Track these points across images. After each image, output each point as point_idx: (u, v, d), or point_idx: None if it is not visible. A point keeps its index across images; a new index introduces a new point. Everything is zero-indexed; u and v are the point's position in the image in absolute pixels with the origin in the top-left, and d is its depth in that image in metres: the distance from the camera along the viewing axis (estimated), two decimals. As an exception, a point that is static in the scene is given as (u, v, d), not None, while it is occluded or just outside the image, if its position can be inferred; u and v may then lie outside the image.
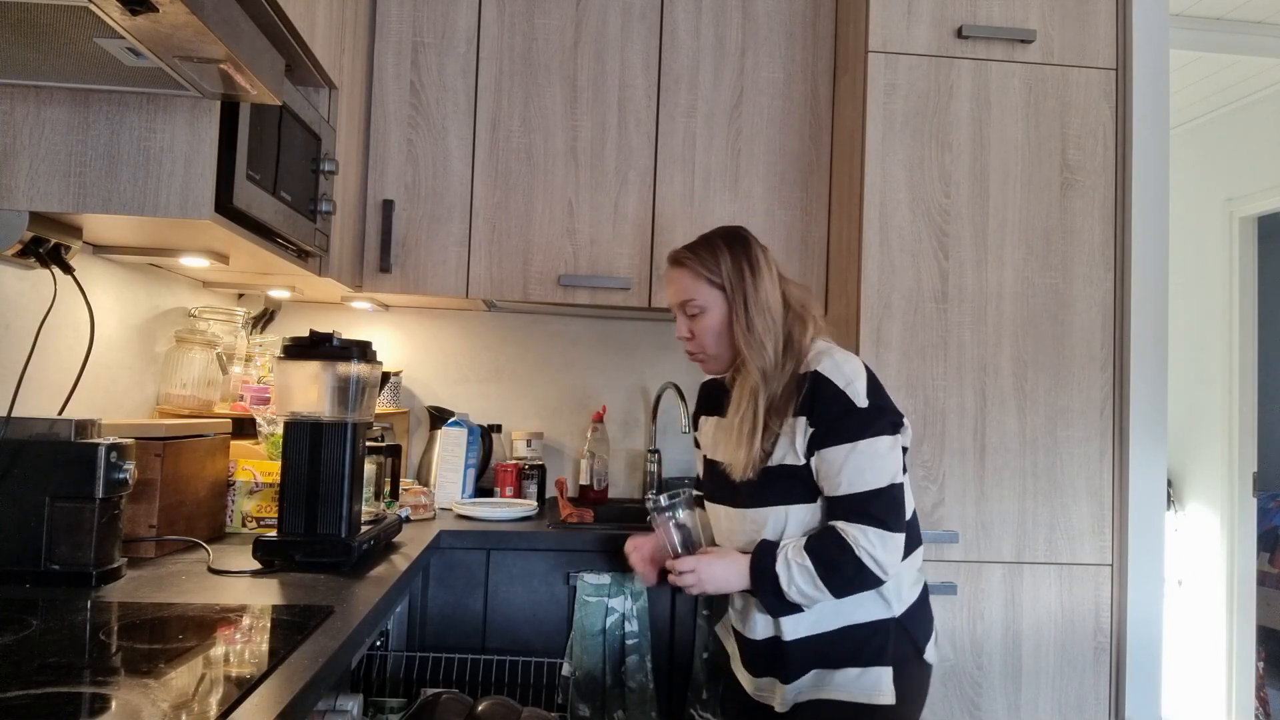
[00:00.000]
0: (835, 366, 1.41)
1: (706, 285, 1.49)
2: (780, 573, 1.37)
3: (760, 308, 1.46)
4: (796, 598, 1.37)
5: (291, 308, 2.44)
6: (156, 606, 1.17)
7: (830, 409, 1.38)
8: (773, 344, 1.45)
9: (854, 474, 1.36)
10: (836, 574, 1.35)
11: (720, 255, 1.49)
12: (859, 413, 1.38)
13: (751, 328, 1.45)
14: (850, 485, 1.36)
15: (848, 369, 1.41)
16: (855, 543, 1.34)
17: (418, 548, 1.68)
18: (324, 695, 0.99)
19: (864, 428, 1.37)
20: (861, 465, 1.36)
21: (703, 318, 1.50)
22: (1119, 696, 1.92)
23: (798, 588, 1.36)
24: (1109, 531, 1.95)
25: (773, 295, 1.48)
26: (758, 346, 1.44)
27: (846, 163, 2.10)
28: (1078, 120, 2.00)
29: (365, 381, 1.55)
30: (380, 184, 2.13)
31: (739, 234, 1.54)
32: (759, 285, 1.47)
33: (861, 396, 1.39)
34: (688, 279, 1.50)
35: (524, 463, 2.35)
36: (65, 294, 1.44)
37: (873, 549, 1.34)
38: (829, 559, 1.35)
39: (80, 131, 1.21)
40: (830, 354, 1.43)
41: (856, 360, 1.45)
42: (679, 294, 1.52)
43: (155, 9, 0.84)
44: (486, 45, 2.17)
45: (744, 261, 1.49)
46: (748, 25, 2.22)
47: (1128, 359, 1.95)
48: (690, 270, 1.50)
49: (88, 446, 1.26)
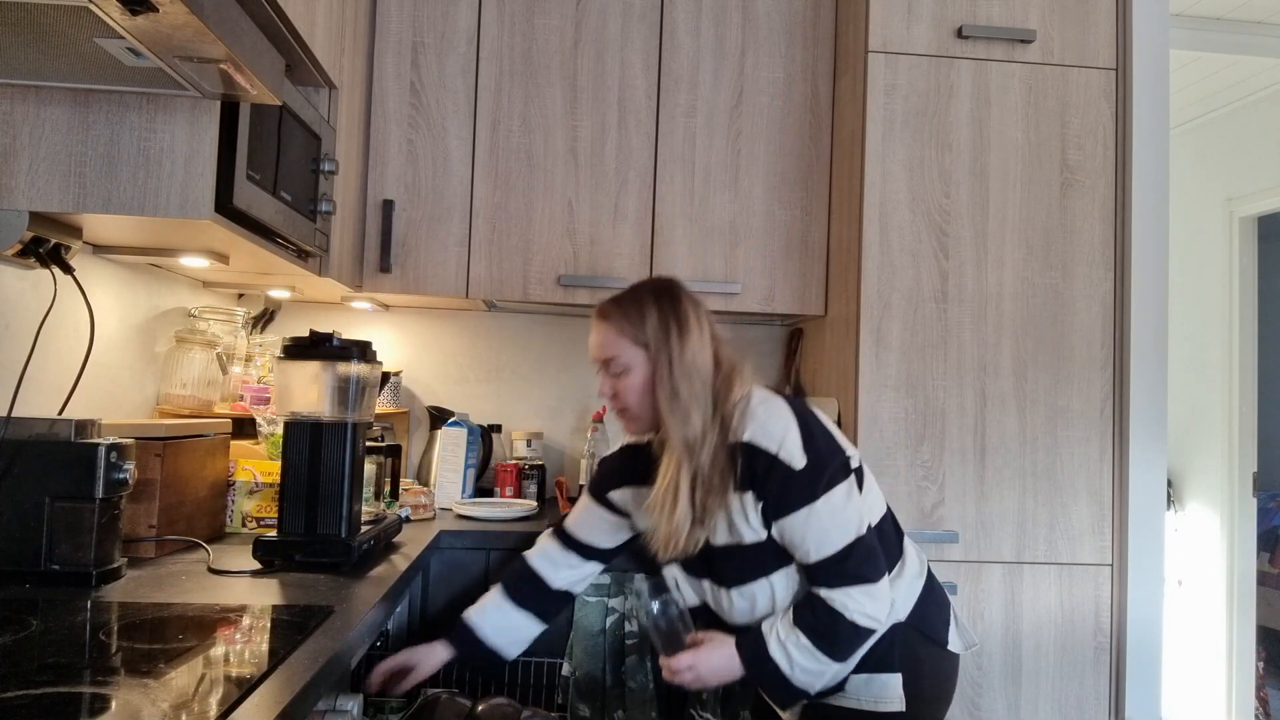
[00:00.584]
0: (761, 429, 1.32)
1: (630, 344, 1.38)
2: (778, 659, 1.31)
3: (685, 371, 1.35)
4: (804, 679, 1.31)
5: (291, 308, 2.44)
6: (156, 606, 1.17)
7: (771, 479, 1.31)
8: (700, 412, 1.34)
9: (819, 539, 1.30)
10: (838, 643, 1.30)
11: (647, 312, 1.39)
12: (801, 475, 1.30)
13: (676, 394, 1.34)
14: (819, 550, 1.30)
15: (774, 426, 1.32)
16: (844, 608, 1.28)
17: (418, 548, 1.68)
18: (324, 695, 0.98)
19: (812, 488, 1.30)
20: (824, 526, 1.30)
21: (626, 377, 1.39)
22: (1119, 696, 1.92)
23: (801, 668, 1.30)
24: (1109, 531, 1.95)
25: (701, 356, 1.37)
26: (681, 415, 1.34)
27: (846, 163, 2.10)
28: (1078, 120, 2.00)
29: (365, 381, 1.55)
30: (380, 184, 2.13)
31: (670, 288, 1.43)
32: (685, 346, 1.36)
33: (798, 455, 1.31)
34: (611, 335, 1.40)
35: (524, 463, 2.35)
36: (65, 294, 1.44)
37: (862, 607, 1.29)
38: (824, 630, 1.29)
39: (80, 131, 1.21)
40: (752, 415, 1.34)
41: (780, 408, 1.36)
42: (600, 350, 1.41)
43: (155, 9, 0.84)
44: (486, 45, 2.17)
45: (671, 319, 1.38)
46: (748, 25, 2.22)
47: (1128, 359, 1.95)
48: (614, 326, 1.40)
49: (88, 446, 1.26)
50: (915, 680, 1.37)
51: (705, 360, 1.38)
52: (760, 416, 1.33)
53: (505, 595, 1.55)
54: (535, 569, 1.57)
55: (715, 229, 2.19)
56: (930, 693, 1.40)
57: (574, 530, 1.58)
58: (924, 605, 1.43)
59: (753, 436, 1.32)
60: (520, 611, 1.54)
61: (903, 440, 1.93)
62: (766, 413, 1.34)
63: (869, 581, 1.30)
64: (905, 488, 1.92)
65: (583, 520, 1.58)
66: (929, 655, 1.40)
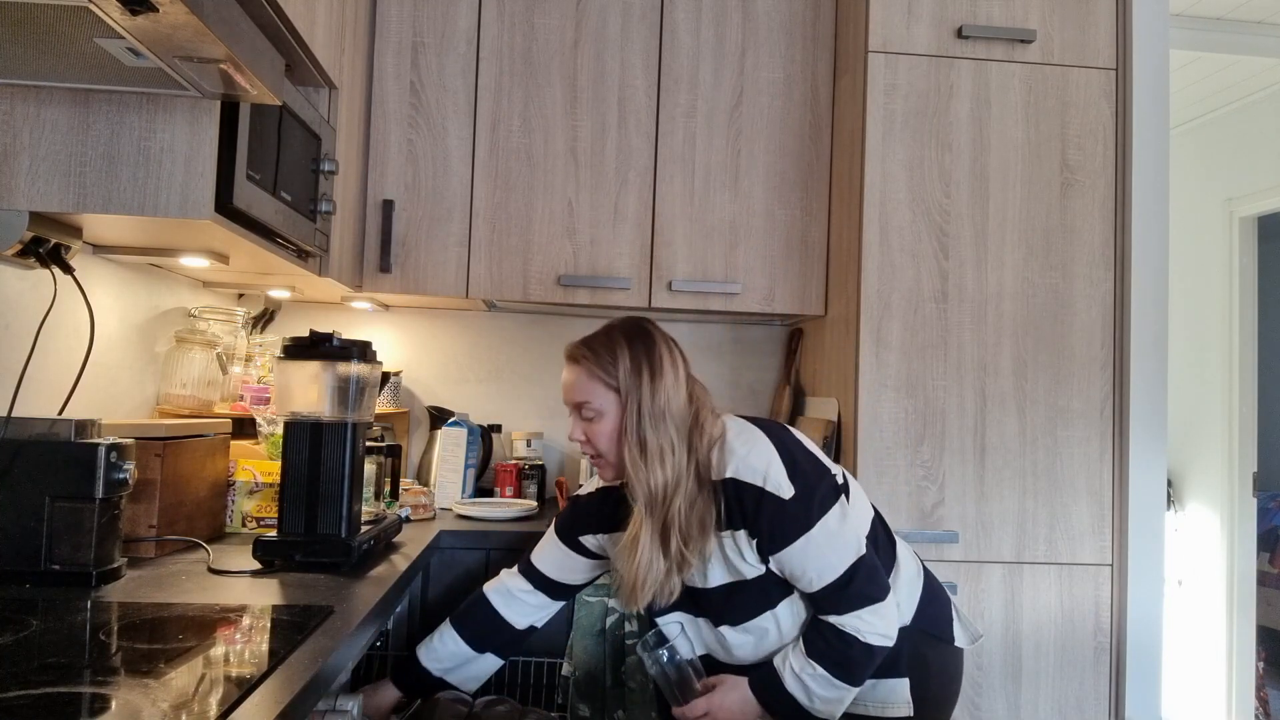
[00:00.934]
0: (743, 464, 1.29)
1: (602, 388, 1.34)
2: (795, 692, 1.29)
3: (656, 416, 1.31)
4: (823, 708, 1.29)
5: (291, 308, 2.44)
6: (156, 606, 1.17)
7: (761, 514, 1.28)
8: (672, 458, 1.30)
9: (820, 566, 1.28)
10: (854, 667, 1.28)
11: (619, 354, 1.35)
12: (791, 503, 1.27)
13: (644, 443, 1.30)
14: (822, 578, 1.28)
15: (755, 459, 1.29)
16: (857, 631, 1.27)
17: (418, 548, 1.68)
18: (324, 695, 0.98)
19: (806, 516, 1.28)
20: (823, 553, 1.28)
21: (599, 422, 1.35)
22: (1119, 696, 1.92)
23: (820, 697, 1.28)
24: (1109, 531, 1.95)
25: (675, 400, 1.33)
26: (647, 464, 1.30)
27: (846, 163, 2.10)
28: (1078, 120, 2.00)
29: (365, 381, 1.55)
30: (380, 184, 2.13)
31: (642, 328, 1.39)
32: (657, 391, 1.32)
33: (785, 485, 1.28)
34: (583, 378, 1.36)
35: (524, 463, 2.35)
36: (65, 294, 1.44)
37: (874, 628, 1.27)
38: (839, 657, 1.28)
39: (80, 131, 1.21)
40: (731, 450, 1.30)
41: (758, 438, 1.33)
42: (573, 394, 1.37)
43: (155, 9, 0.84)
44: (486, 45, 2.17)
45: (644, 361, 1.34)
46: (748, 25, 2.22)
47: (1128, 359, 1.95)
48: (585, 369, 1.36)
49: (88, 446, 1.26)
50: (923, 682, 1.37)
51: (679, 404, 1.34)
52: (740, 451, 1.30)
53: (461, 637, 1.50)
54: (499, 611, 1.52)
55: (715, 229, 2.19)
56: (937, 693, 1.40)
57: (546, 570, 1.53)
58: (927, 605, 1.42)
59: (736, 472, 1.29)
60: (479, 654, 1.50)
61: (903, 440, 1.93)
62: (746, 446, 1.31)
63: (876, 601, 1.28)
64: (905, 488, 1.92)
65: (553, 561, 1.53)
66: (936, 655, 1.39)
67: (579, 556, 1.52)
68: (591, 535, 1.50)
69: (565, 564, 1.53)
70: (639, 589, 1.34)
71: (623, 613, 1.83)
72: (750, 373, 2.56)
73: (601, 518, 1.49)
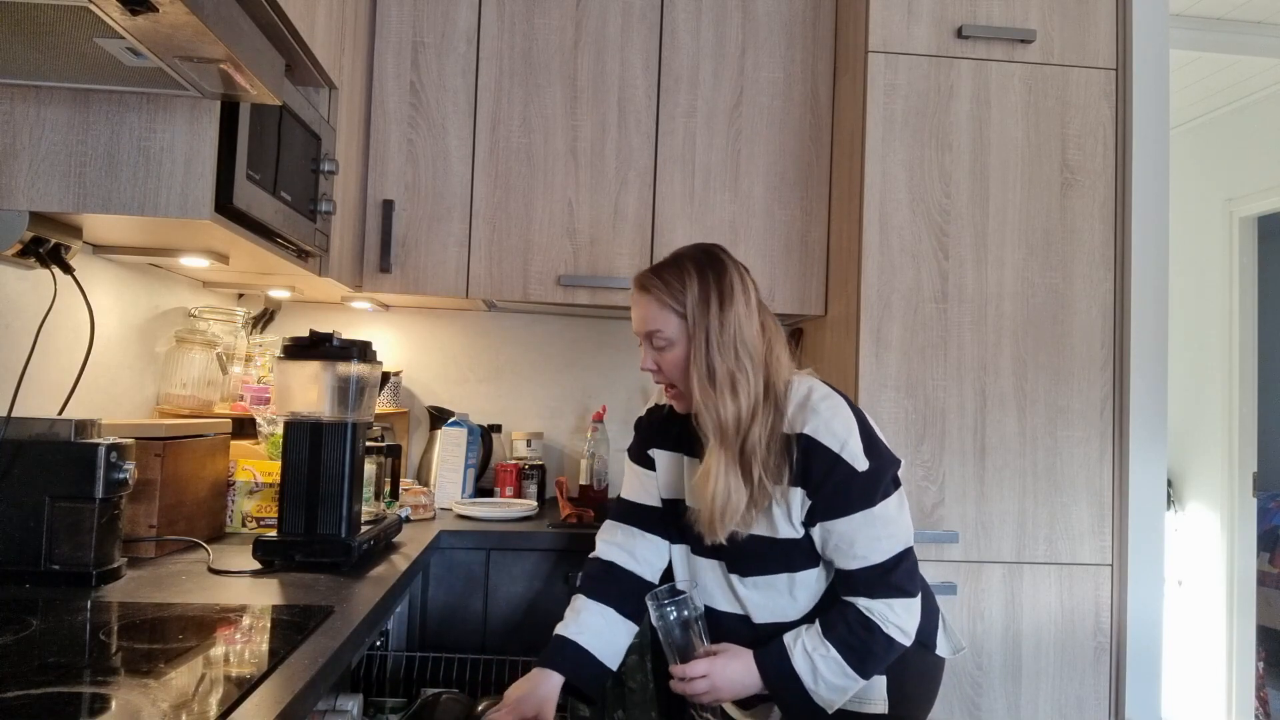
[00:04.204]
0: (825, 425, 1.26)
1: (673, 315, 1.31)
2: (802, 671, 1.25)
3: (726, 346, 1.27)
4: (826, 694, 1.26)
5: (291, 308, 2.44)
6: (156, 606, 1.17)
7: (830, 479, 1.25)
8: (747, 389, 1.26)
9: (869, 545, 1.25)
10: (869, 657, 1.25)
11: (688, 281, 1.31)
12: (862, 478, 1.25)
13: (714, 374, 1.26)
14: (867, 557, 1.26)
15: (838, 425, 1.26)
16: (884, 619, 1.25)
17: (418, 548, 1.68)
18: (324, 695, 0.98)
19: (871, 493, 1.26)
20: (877, 534, 1.25)
21: (669, 351, 1.32)
22: (1119, 696, 1.92)
23: (826, 682, 1.25)
24: (1109, 531, 1.95)
25: (747, 330, 1.29)
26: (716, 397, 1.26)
27: (846, 163, 2.10)
28: (1078, 120, 2.00)
29: (365, 381, 1.55)
30: (380, 184, 2.13)
31: (713, 255, 1.35)
32: (726, 319, 1.28)
33: (860, 458, 1.26)
34: (653, 307, 1.32)
35: (524, 463, 2.35)
36: (65, 294, 1.44)
37: (900, 620, 1.25)
38: (857, 643, 1.25)
39: (80, 131, 1.21)
40: (814, 409, 1.27)
41: (842, 406, 1.30)
42: (642, 323, 1.34)
43: (155, 9, 0.84)
44: (486, 45, 2.17)
45: (713, 289, 1.30)
46: (748, 25, 2.22)
47: (1128, 359, 1.95)
48: (655, 298, 1.32)
49: (88, 446, 1.26)
50: (900, 682, 1.35)
51: (751, 333, 1.30)
52: (824, 412, 1.27)
53: (597, 600, 1.41)
54: (615, 562, 1.45)
55: (715, 229, 2.19)
56: (914, 692, 1.38)
57: (636, 498, 1.48)
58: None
59: (814, 431, 1.26)
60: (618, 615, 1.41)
61: (903, 440, 1.93)
62: (830, 410, 1.28)
63: (910, 595, 1.27)
64: (905, 488, 1.91)
65: (639, 487, 1.49)
66: (916, 658, 1.37)
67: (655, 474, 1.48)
68: (656, 450, 1.47)
69: (650, 486, 1.48)
70: (719, 519, 1.28)
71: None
72: (750, 373, 2.55)
73: (665, 434, 1.45)
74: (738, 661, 1.30)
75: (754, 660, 1.30)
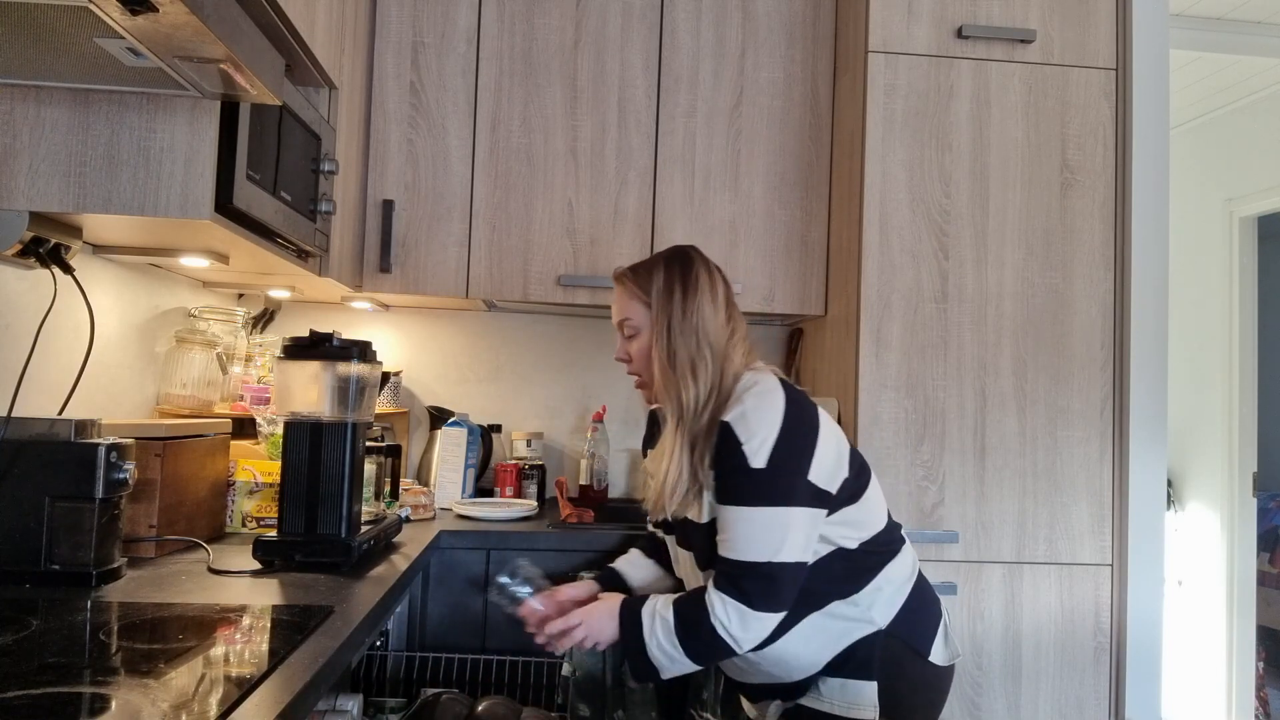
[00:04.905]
0: (743, 417, 1.27)
1: (639, 304, 1.39)
2: (645, 624, 1.30)
3: (687, 333, 1.34)
4: (657, 655, 1.29)
5: (291, 308, 2.44)
6: (156, 606, 1.17)
7: (725, 464, 1.28)
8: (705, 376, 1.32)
9: (738, 540, 1.26)
10: (693, 637, 1.27)
11: (656, 272, 1.39)
12: (752, 475, 1.26)
13: (674, 358, 1.33)
14: (733, 549, 1.26)
15: (755, 420, 1.27)
16: (712, 609, 1.25)
17: (418, 548, 1.68)
18: (324, 695, 0.98)
19: (755, 493, 1.26)
20: (748, 534, 1.26)
21: (637, 339, 1.40)
22: (1119, 696, 1.92)
23: (658, 641, 1.28)
24: (1109, 531, 1.95)
25: (711, 321, 1.36)
26: (676, 381, 1.33)
27: (846, 163, 2.10)
28: (1078, 120, 2.00)
29: (365, 381, 1.55)
30: (380, 184, 2.13)
31: (684, 251, 1.43)
32: (689, 308, 1.35)
33: (760, 455, 1.25)
34: (624, 298, 1.42)
35: (524, 463, 2.35)
36: (65, 294, 1.44)
37: (728, 622, 1.25)
38: (688, 616, 1.27)
39: (80, 131, 1.21)
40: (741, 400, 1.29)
41: (774, 405, 1.29)
42: (616, 312, 1.44)
43: (155, 9, 0.84)
44: (486, 45, 2.17)
45: (677, 280, 1.37)
46: (748, 25, 2.22)
47: (1128, 359, 1.95)
48: (626, 289, 1.42)
49: (88, 446, 1.26)
50: (893, 690, 1.33)
51: (716, 324, 1.36)
52: (749, 404, 1.29)
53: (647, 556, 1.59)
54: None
55: (715, 229, 2.19)
56: (909, 702, 1.35)
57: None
58: (908, 614, 1.37)
59: (732, 419, 1.28)
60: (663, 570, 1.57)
61: (903, 440, 1.93)
62: (757, 403, 1.29)
63: (750, 607, 1.25)
64: (905, 488, 1.92)
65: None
66: (908, 664, 1.35)
67: None
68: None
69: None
70: (666, 496, 1.34)
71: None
72: (750, 373, 2.56)
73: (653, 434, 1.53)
74: (605, 605, 1.36)
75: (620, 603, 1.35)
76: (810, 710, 1.35)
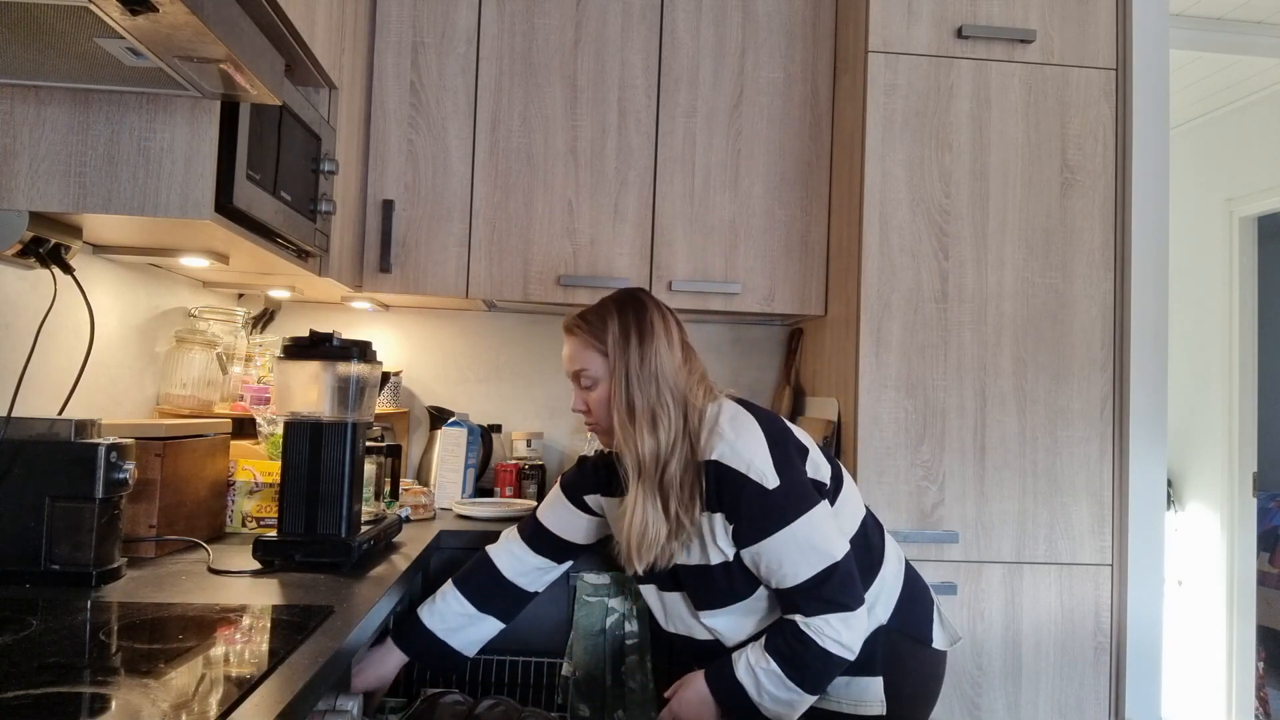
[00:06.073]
0: (729, 449, 1.28)
1: (596, 353, 1.38)
2: (745, 683, 1.27)
3: (646, 380, 1.32)
4: (773, 708, 1.26)
5: (291, 308, 2.44)
6: (156, 606, 1.17)
7: (743, 501, 1.27)
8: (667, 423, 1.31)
9: (796, 562, 1.26)
10: (806, 670, 1.25)
11: (609, 320, 1.37)
12: (774, 495, 1.26)
13: (634, 409, 1.32)
14: (796, 575, 1.26)
15: (741, 446, 1.28)
16: (820, 634, 1.24)
17: (418, 548, 1.68)
18: (324, 695, 0.98)
19: (786, 510, 1.26)
20: (801, 550, 1.26)
21: (595, 390, 1.39)
22: (1119, 696, 1.92)
23: (770, 695, 1.26)
24: (1109, 532, 1.95)
25: (669, 365, 1.34)
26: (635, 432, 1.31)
27: (846, 162, 2.10)
28: (1078, 120, 2.00)
29: (365, 381, 1.55)
30: (380, 184, 2.13)
31: (634, 296, 1.42)
32: (645, 354, 1.34)
33: (770, 475, 1.27)
34: (578, 347, 1.40)
35: (524, 463, 2.35)
36: (65, 294, 1.44)
37: (838, 635, 1.25)
38: (794, 657, 1.25)
39: (80, 131, 1.21)
40: (720, 433, 1.30)
41: (748, 425, 1.32)
42: (570, 363, 1.42)
43: (155, 9, 0.84)
44: (486, 45, 2.17)
45: (632, 327, 1.35)
46: (748, 25, 2.22)
47: (1128, 359, 1.95)
48: (579, 338, 1.40)
49: (88, 446, 1.26)
50: (897, 683, 1.35)
51: (672, 369, 1.35)
52: (728, 435, 1.29)
53: (465, 597, 1.52)
54: (502, 572, 1.54)
55: (715, 229, 2.19)
56: (912, 693, 1.38)
57: (551, 526, 1.55)
58: (906, 605, 1.40)
59: (721, 456, 1.28)
60: (482, 615, 1.52)
61: (903, 440, 1.93)
62: (735, 431, 1.30)
63: (846, 609, 1.26)
64: (905, 488, 1.92)
65: (558, 518, 1.56)
66: (912, 656, 1.37)
67: (583, 514, 1.55)
68: (593, 495, 1.54)
69: (571, 521, 1.55)
70: (636, 550, 1.34)
71: (623, 612, 1.83)
72: (750, 373, 2.56)
73: (599, 481, 1.52)
74: (691, 688, 1.33)
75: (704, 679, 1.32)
76: (817, 710, 1.35)
